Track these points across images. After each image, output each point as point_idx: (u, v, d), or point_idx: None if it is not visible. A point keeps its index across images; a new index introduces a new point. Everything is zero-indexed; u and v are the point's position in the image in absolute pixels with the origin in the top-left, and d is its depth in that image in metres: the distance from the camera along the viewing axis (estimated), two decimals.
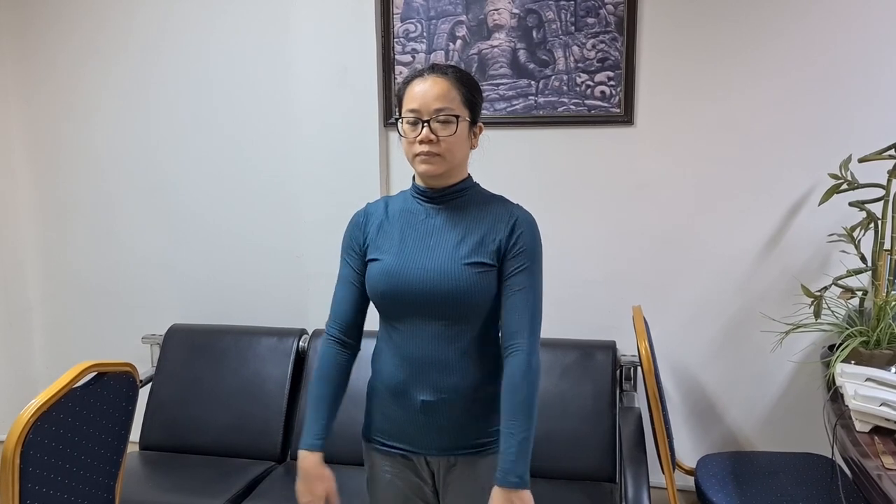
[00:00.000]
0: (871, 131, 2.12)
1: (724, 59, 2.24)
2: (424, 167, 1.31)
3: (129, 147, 2.72)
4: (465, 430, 1.35)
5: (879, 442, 1.56)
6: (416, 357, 1.34)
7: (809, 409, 2.29)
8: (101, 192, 2.77)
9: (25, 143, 2.82)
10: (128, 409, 1.69)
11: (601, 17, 2.30)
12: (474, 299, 1.31)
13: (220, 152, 2.64)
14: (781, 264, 2.28)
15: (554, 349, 2.31)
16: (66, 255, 2.85)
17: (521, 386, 1.29)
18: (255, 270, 2.67)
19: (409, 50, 2.45)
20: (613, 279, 2.41)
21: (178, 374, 2.48)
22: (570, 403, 2.21)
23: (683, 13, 2.25)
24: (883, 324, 1.89)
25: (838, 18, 2.15)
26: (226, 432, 2.38)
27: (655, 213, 2.36)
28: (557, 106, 2.37)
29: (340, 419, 2.27)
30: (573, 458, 2.16)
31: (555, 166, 2.40)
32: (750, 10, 2.20)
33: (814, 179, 2.21)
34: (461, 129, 1.31)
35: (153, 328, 2.70)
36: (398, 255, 1.34)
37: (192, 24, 2.58)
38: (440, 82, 1.31)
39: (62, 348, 2.92)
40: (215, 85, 2.60)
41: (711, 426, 2.42)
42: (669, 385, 2.43)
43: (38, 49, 2.74)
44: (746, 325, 2.34)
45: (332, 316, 1.44)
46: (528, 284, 1.32)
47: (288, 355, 2.44)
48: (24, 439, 1.39)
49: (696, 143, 2.30)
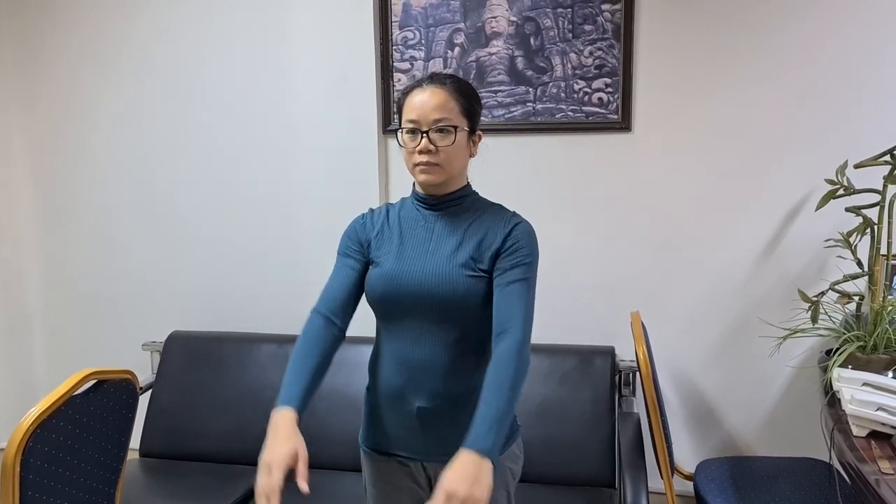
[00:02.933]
0: (867, 136, 2.13)
1: (721, 66, 2.25)
2: (424, 177, 1.34)
3: (129, 155, 2.73)
4: (461, 436, 1.35)
5: (876, 447, 1.57)
6: (412, 362, 1.34)
7: (808, 413, 2.29)
8: (102, 200, 2.79)
9: (26, 151, 2.83)
10: (127, 416, 1.70)
11: (598, 25, 2.31)
12: (471, 303, 1.32)
13: (219, 160, 2.65)
14: (779, 269, 2.29)
15: (553, 355, 2.32)
16: (67, 263, 2.86)
17: (509, 365, 1.23)
18: (254, 277, 2.68)
19: (407, 57, 2.47)
20: (612, 285, 2.42)
21: (178, 380, 2.49)
22: (569, 409, 2.22)
23: (680, 20, 2.26)
24: (880, 328, 1.90)
25: (833, 25, 2.17)
26: (226, 439, 2.39)
27: (653, 218, 2.37)
28: (555, 112, 2.39)
29: (338, 425, 2.30)
30: (572, 463, 2.16)
31: (553, 173, 2.41)
32: (746, 17, 2.22)
33: (810, 185, 2.21)
34: (459, 138, 1.33)
35: (153, 335, 2.71)
36: (397, 260, 1.35)
37: (191, 32, 2.60)
38: (438, 93, 1.33)
39: (63, 355, 2.93)
40: (214, 93, 2.61)
41: (711, 431, 2.43)
42: (668, 390, 2.43)
43: (38, 58, 2.76)
44: (745, 331, 2.34)
45: (321, 296, 1.40)
46: (523, 278, 1.32)
47: (287, 362, 2.44)
48: (25, 447, 1.40)
49: (693, 150, 2.31)
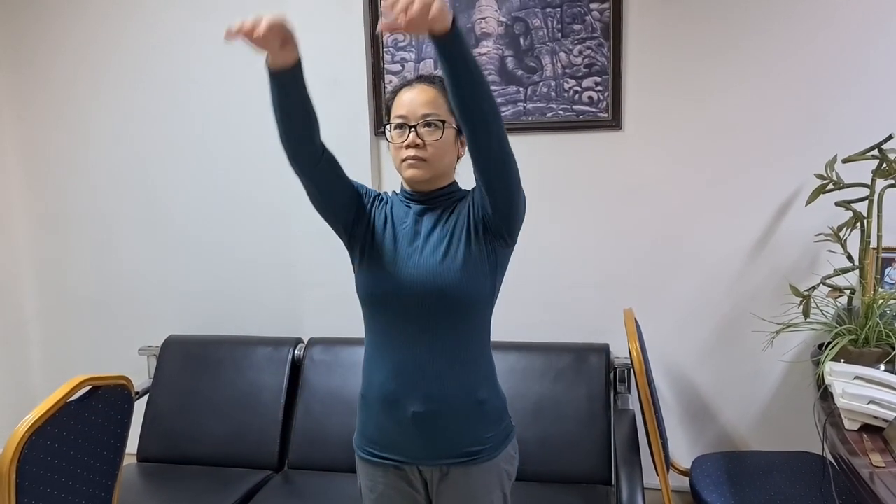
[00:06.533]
0: (855, 130, 2.14)
1: (709, 63, 2.26)
2: (411, 171, 1.33)
3: (123, 161, 2.74)
4: (457, 439, 1.35)
5: (868, 440, 1.58)
6: (406, 365, 1.34)
7: (802, 407, 2.30)
8: (96, 206, 2.79)
9: (20, 157, 2.84)
10: (123, 421, 1.70)
11: (587, 24, 2.32)
12: (463, 297, 1.31)
13: (212, 165, 2.66)
14: (771, 264, 2.30)
15: (547, 353, 2.32)
16: (62, 269, 2.86)
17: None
18: (249, 281, 2.69)
19: (398, 59, 2.47)
20: (605, 282, 2.42)
21: (174, 384, 2.50)
22: (564, 407, 2.23)
23: (668, 19, 2.27)
24: (871, 322, 1.91)
25: (820, 22, 2.17)
26: (223, 442, 2.39)
27: (645, 215, 2.37)
28: (546, 112, 2.39)
29: (333, 426, 2.31)
30: (568, 461, 2.17)
31: (544, 171, 2.42)
32: (733, 15, 2.23)
33: (801, 180, 2.23)
34: (447, 135, 1.33)
35: (150, 340, 2.71)
36: (390, 257, 1.34)
37: (183, 38, 2.60)
38: (428, 90, 1.34)
39: (59, 361, 2.93)
40: (207, 98, 2.62)
41: (706, 426, 2.44)
42: (663, 386, 2.44)
43: (31, 64, 2.76)
44: (738, 326, 2.35)
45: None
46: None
47: (284, 364, 2.45)
48: (20, 455, 1.40)
49: (683, 146, 2.32)
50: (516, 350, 2.32)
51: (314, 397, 2.39)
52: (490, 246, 1.34)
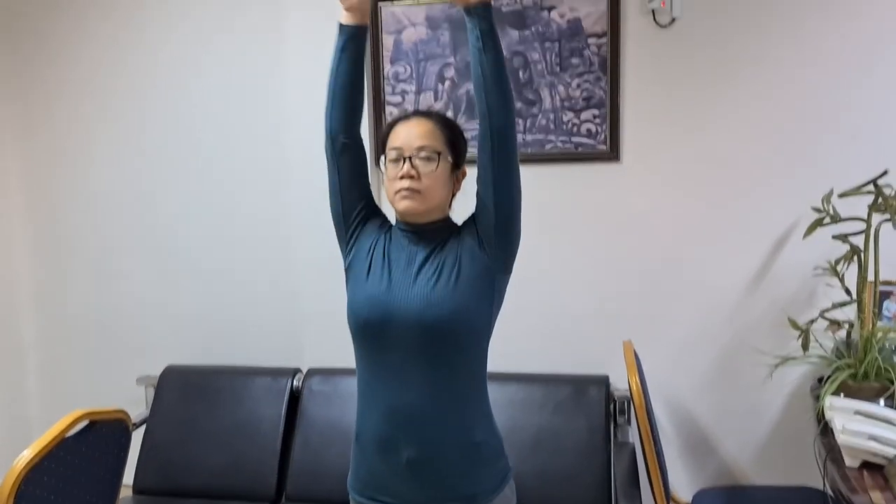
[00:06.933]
0: (851, 163, 2.15)
1: (706, 96, 2.29)
2: (405, 203, 1.31)
3: (123, 189, 2.75)
4: (453, 483, 1.33)
5: (868, 476, 1.57)
6: (400, 409, 1.31)
7: (803, 440, 2.27)
8: (96, 234, 2.80)
9: (21, 185, 2.85)
10: (120, 455, 1.69)
11: (585, 58, 2.35)
12: (459, 329, 1.29)
13: (214, 193, 2.67)
14: (769, 297, 2.30)
15: (546, 384, 2.32)
16: (61, 297, 2.86)
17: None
18: (251, 310, 2.68)
19: (398, 91, 2.50)
20: (604, 313, 2.42)
21: (172, 415, 2.48)
22: (563, 439, 2.21)
23: (664, 52, 2.30)
24: (870, 356, 1.91)
25: (816, 56, 2.20)
26: (220, 473, 2.37)
27: (644, 247, 2.38)
28: (545, 143, 2.42)
29: (331, 458, 2.28)
30: (568, 495, 2.15)
31: (543, 203, 2.43)
32: (730, 48, 2.26)
33: (798, 212, 2.23)
34: (442, 167, 1.33)
35: (148, 369, 2.69)
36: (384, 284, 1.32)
37: (184, 66, 2.63)
38: (423, 122, 1.35)
39: (57, 390, 2.92)
40: (208, 126, 2.64)
41: (706, 459, 2.42)
42: (663, 418, 2.43)
43: (35, 90, 2.79)
44: (737, 358, 2.35)
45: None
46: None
47: (282, 395, 2.44)
48: (17, 491, 1.40)
49: (682, 178, 2.34)
50: (515, 381, 2.32)
51: (312, 428, 2.38)
52: (487, 272, 1.32)
